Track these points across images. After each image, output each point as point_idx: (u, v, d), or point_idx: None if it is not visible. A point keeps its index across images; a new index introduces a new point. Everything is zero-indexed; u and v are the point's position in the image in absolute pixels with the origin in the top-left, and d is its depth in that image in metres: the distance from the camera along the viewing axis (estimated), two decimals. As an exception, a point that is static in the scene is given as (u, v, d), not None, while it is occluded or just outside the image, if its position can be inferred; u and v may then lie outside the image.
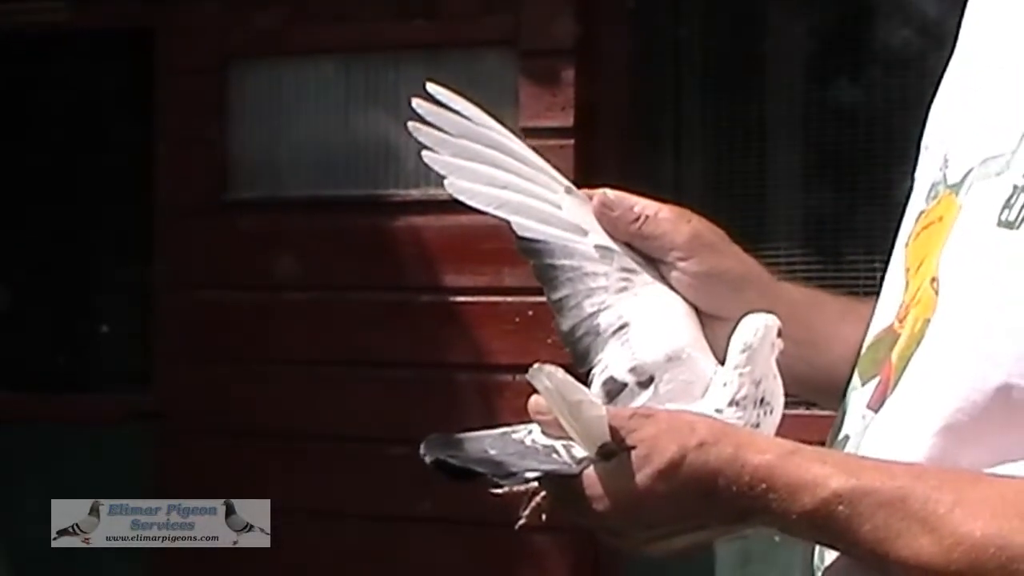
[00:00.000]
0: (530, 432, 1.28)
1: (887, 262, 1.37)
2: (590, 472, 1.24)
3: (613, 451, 1.23)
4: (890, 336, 1.31)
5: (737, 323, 1.32)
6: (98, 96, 5.52)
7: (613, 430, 1.24)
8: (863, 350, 1.36)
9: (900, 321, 1.31)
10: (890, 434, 1.26)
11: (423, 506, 4.67)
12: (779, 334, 1.31)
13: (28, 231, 5.58)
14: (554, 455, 1.26)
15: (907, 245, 1.34)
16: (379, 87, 4.90)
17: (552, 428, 1.27)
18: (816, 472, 1.19)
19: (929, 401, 1.22)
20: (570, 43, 4.66)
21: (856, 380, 1.35)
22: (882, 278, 1.38)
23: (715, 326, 1.37)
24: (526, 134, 4.45)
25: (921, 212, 1.34)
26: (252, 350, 5.02)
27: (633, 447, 1.23)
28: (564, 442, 1.26)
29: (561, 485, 1.26)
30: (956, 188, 1.30)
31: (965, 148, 1.30)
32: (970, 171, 1.28)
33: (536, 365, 1.23)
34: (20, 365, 5.51)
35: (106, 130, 5.50)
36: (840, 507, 1.17)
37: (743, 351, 1.30)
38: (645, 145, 4.83)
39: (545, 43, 4.67)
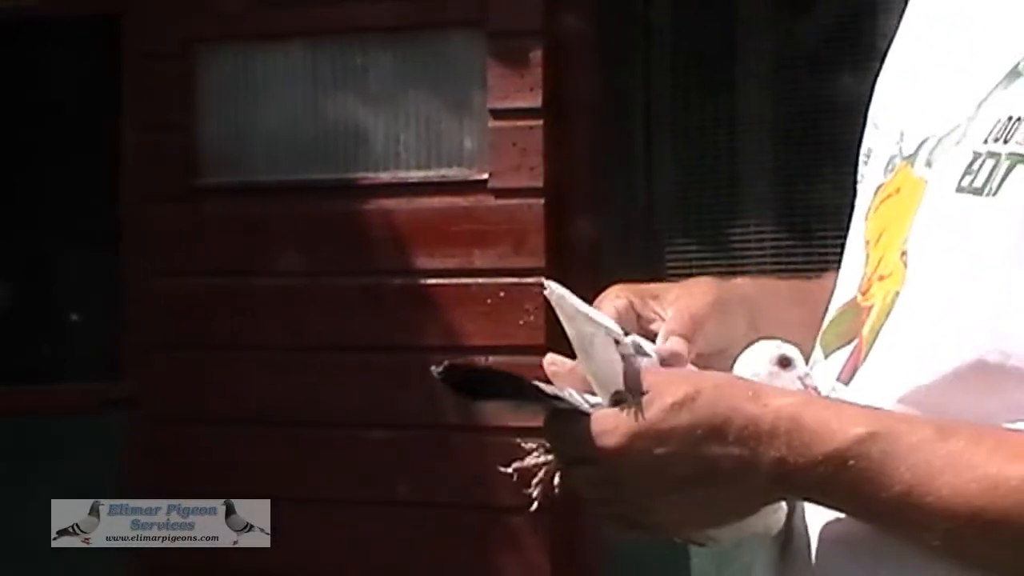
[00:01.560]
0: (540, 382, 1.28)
1: (845, 237, 1.38)
2: (601, 411, 1.23)
3: (625, 399, 1.23)
4: (853, 309, 1.31)
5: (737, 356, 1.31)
6: (65, 82, 5.49)
7: (626, 377, 1.23)
8: (825, 324, 1.36)
9: (863, 294, 1.30)
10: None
11: (402, 489, 4.66)
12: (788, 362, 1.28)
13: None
14: (566, 395, 1.25)
15: (866, 219, 1.35)
16: (347, 69, 4.88)
17: (564, 380, 1.26)
18: (847, 413, 1.17)
19: (900, 372, 1.22)
20: (538, 23, 4.65)
21: (819, 353, 1.35)
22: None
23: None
24: (495, 115, 4.50)
25: (879, 186, 1.34)
26: (224, 336, 5.01)
27: (646, 392, 1.22)
28: (575, 391, 1.26)
29: (572, 422, 1.24)
30: (911, 159, 1.30)
31: (919, 120, 1.31)
32: (924, 141, 1.29)
33: (552, 284, 1.22)
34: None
35: (74, 117, 5.47)
36: (876, 446, 1.14)
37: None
38: (614, 125, 4.83)
39: (513, 24, 4.66)
